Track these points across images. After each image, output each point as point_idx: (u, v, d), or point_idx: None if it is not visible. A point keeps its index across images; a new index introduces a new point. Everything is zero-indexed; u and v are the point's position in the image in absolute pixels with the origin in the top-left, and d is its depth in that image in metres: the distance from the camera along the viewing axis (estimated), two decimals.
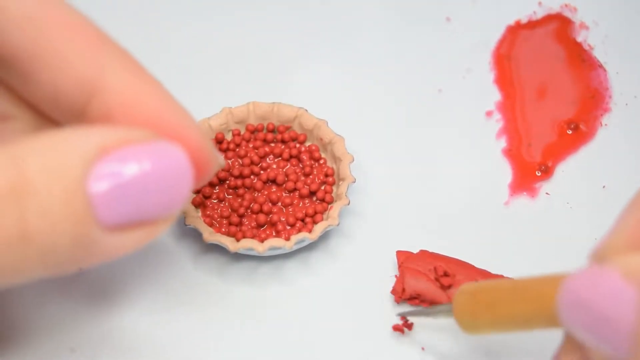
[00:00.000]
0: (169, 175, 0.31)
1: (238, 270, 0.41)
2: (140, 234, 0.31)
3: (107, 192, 0.30)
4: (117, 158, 0.30)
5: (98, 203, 0.30)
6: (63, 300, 0.40)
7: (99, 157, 0.30)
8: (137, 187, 0.30)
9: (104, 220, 0.30)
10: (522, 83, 0.46)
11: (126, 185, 0.30)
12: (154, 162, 0.30)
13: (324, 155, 0.43)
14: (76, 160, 0.29)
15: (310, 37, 0.48)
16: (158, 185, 0.31)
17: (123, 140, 0.30)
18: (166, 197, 0.31)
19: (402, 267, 0.40)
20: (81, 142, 0.30)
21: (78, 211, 0.30)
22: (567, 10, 0.48)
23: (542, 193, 0.43)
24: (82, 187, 0.29)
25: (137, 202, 0.31)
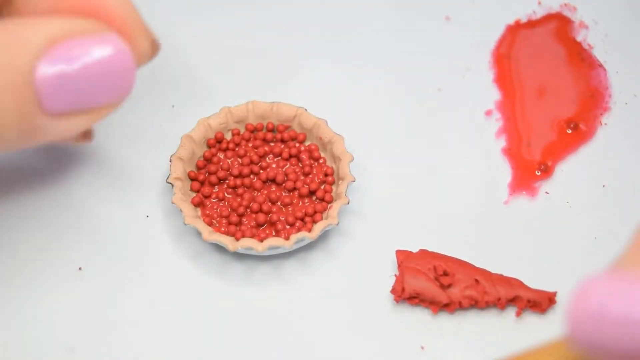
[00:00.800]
0: (112, 66, 0.32)
1: (237, 269, 0.41)
2: (84, 118, 0.33)
3: (52, 84, 0.31)
4: (62, 50, 0.31)
5: (44, 94, 0.31)
6: (63, 300, 0.40)
7: (45, 49, 0.31)
8: (81, 78, 0.32)
9: (49, 109, 0.32)
10: (522, 82, 0.46)
11: (70, 77, 0.31)
12: (98, 53, 0.32)
13: (324, 155, 0.43)
14: (24, 53, 0.31)
15: (310, 36, 0.48)
16: (101, 77, 0.32)
17: (68, 32, 0.31)
18: (109, 88, 0.33)
19: (401, 266, 0.40)
20: (28, 35, 0.31)
21: (25, 102, 0.31)
22: (566, 9, 0.48)
23: (542, 192, 0.43)
24: (28, 78, 0.31)
25: (81, 93, 0.32)
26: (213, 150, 0.42)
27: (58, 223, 0.42)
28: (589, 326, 0.24)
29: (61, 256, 0.41)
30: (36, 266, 0.41)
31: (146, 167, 0.43)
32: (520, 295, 0.40)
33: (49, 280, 0.40)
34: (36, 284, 0.40)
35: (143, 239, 0.42)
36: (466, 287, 0.40)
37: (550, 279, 0.40)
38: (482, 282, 0.40)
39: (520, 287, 0.40)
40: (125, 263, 0.41)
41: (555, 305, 0.40)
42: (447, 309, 0.40)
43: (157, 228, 0.42)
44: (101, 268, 0.41)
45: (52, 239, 0.41)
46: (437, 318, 0.40)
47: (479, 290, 0.40)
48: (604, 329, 0.24)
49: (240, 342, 0.39)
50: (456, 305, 0.40)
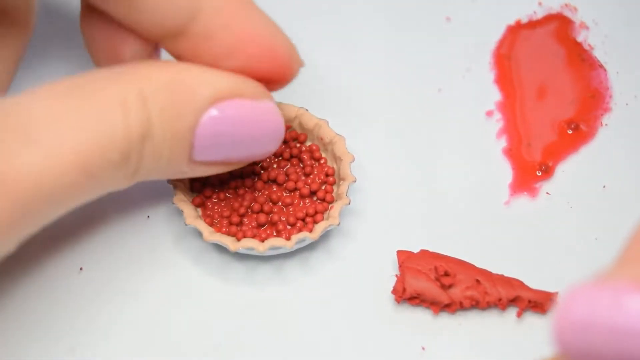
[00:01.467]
0: (264, 134, 0.35)
1: (238, 269, 0.41)
2: (223, 168, 0.36)
3: (207, 139, 0.33)
4: (223, 110, 0.33)
5: (198, 146, 0.33)
6: (63, 300, 0.40)
7: (211, 104, 0.33)
8: (234, 139, 0.34)
9: (197, 159, 0.34)
10: (522, 83, 0.46)
11: (225, 136, 0.33)
12: (255, 120, 0.34)
13: (325, 155, 0.43)
14: (190, 111, 0.32)
15: (310, 36, 0.47)
16: (253, 138, 0.35)
17: (234, 92, 0.33)
18: (257, 148, 0.35)
19: (402, 266, 0.40)
20: (197, 91, 0.33)
21: (180, 154, 0.33)
22: (567, 10, 0.48)
23: (543, 193, 0.43)
24: (189, 136, 0.33)
25: (231, 149, 0.34)
26: None
27: (58, 223, 0.42)
28: (575, 335, 0.24)
29: (61, 256, 0.41)
30: (36, 266, 0.41)
31: None
32: (521, 295, 0.40)
33: (49, 280, 0.40)
34: (36, 284, 0.40)
35: (144, 239, 0.42)
36: (467, 288, 0.40)
37: (551, 279, 0.40)
38: (483, 283, 0.40)
39: (521, 287, 0.40)
40: (126, 263, 0.41)
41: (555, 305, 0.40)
42: (448, 309, 0.40)
43: (158, 228, 0.42)
44: (102, 268, 0.41)
45: (52, 239, 0.41)
46: (438, 318, 0.40)
47: (480, 291, 0.40)
48: (589, 338, 0.24)
49: (241, 342, 0.39)
50: (457, 306, 0.40)
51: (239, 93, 0.34)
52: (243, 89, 0.34)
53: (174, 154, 0.33)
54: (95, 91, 0.31)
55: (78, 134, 0.31)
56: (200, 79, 0.33)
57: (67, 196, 0.32)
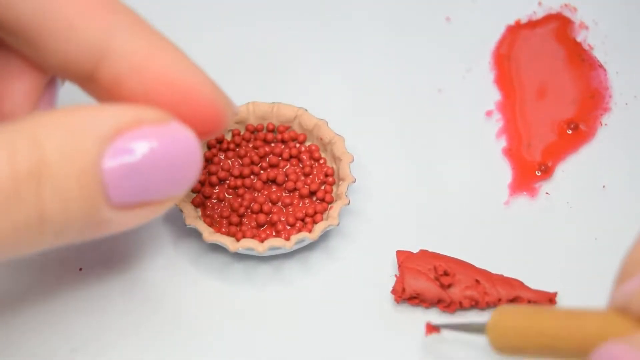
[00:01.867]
0: (178, 157, 0.32)
1: (238, 270, 0.41)
2: (147, 211, 0.32)
3: (118, 174, 0.31)
4: (129, 140, 0.31)
5: (110, 184, 0.31)
6: (63, 301, 0.40)
7: (112, 139, 0.30)
8: (147, 169, 0.31)
9: (114, 200, 0.31)
10: (522, 83, 0.46)
11: (137, 167, 0.31)
12: (165, 144, 0.31)
13: (324, 155, 0.43)
14: (90, 143, 0.30)
15: (311, 37, 0.48)
16: (168, 167, 0.32)
17: (136, 121, 0.31)
18: (175, 179, 0.32)
19: (402, 266, 0.40)
20: (95, 123, 0.30)
21: (91, 192, 0.31)
22: (567, 10, 0.48)
23: (542, 193, 0.43)
24: (95, 169, 0.30)
25: (147, 183, 0.31)
26: (214, 150, 0.42)
27: None
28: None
29: (61, 256, 0.41)
30: (36, 266, 0.41)
31: None
32: (521, 295, 0.40)
33: (49, 280, 0.40)
34: (36, 284, 0.40)
35: (143, 239, 0.42)
36: (467, 288, 0.40)
37: (551, 279, 0.40)
38: (483, 283, 0.40)
39: (520, 287, 0.40)
40: (126, 264, 0.41)
41: (555, 305, 0.40)
42: (448, 309, 0.40)
43: (157, 229, 0.42)
44: (101, 268, 0.41)
45: None
46: (438, 318, 0.40)
47: (480, 291, 0.40)
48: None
49: (241, 342, 0.39)
50: (457, 306, 0.40)
51: (143, 121, 0.31)
52: (146, 116, 0.31)
53: (85, 194, 0.31)
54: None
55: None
56: (98, 113, 0.31)
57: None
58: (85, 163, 0.30)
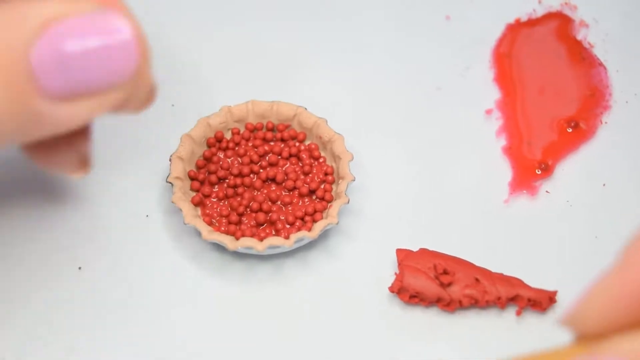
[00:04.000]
0: (112, 45, 0.31)
1: (237, 268, 0.41)
2: (90, 103, 0.32)
3: (49, 64, 0.30)
4: (59, 29, 0.30)
5: (40, 74, 0.30)
6: (62, 300, 0.40)
7: (42, 29, 0.30)
8: (80, 57, 0.31)
9: (47, 90, 0.31)
10: (522, 81, 0.46)
11: (68, 56, 0.31)
12: (96, 32, 0.31)
13: (324, 154, 0.43)
14: (19, 34, 0.30)
15: (310, 36, 0.48)
16: (101, 56, 0.31)
17: (65, 12, 0.31)
18: (110, 68, 0.32)
19: (401, 264, 0.40)
20: (25, 14, 0.30)
21: (19, 84, 0.30)
22: (567, 8, 0.48)
23: (542, 191, 0.43)
24: (23, 60, 0.30)
25: (79, 73, 0.31)
26: (213, 149, 0.42)
27: (58, 223, 0.42)
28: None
29: (61, 256, 0.41)
30: (36, 266, 0.41)
31: (146, 166, 0.43)
32: (521, 294, 0.40)
33: (49, 280, 0.40)
34: (36, 284, 0.40)
35: (143, 238, 0.42)
36: (466, 286, 0.39)
37: (551, 278, 0.40)
38: (483, 281, 0.40)
39: (520, 286, 0.40)
40: (125, 262, 0.41)
41: (555, 304, 0.40)
42: (448, 307, 0.40)
43: (157, 227, 0.42)
44: (101, 268, 0.41)
45: (52, 239, 0.41)
46: (438, 317, 0.40)
47: (479, 289, 0.39)
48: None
49: (240, 341, 0.39)
50: (456, 304, 0.40)
51: (74, 10, 0.31)
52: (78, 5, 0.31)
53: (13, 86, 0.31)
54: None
55: None
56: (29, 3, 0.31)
57: None
58: (12, 53, 0.30)
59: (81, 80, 0.31)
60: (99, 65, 0.32)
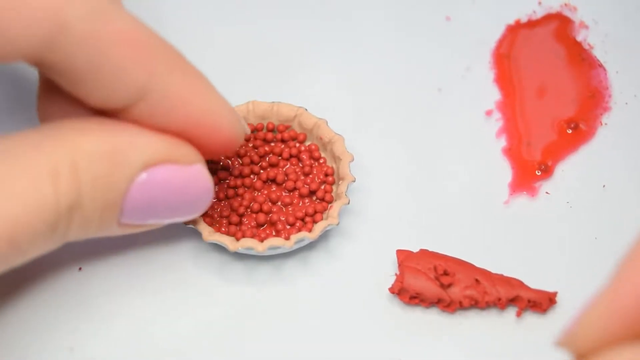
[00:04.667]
0: (193, 196, 0.35)
1: (238, 269, 0.41)
2: (150, 227, 0.36)
3: (137, 204, 0.33)
4: (155, 176, 0.33)
5: (126, 210, 0.33)
6: (63, 300, 0.40)
7: (141, 172, 0.33)
8: (163, 203, 0.34)
9: (124, 222, 0.34)
10: (522, 82, 0.46)
11: (154, 201, 0.33)
12: (184, 183, 0.34)
13: (324, 155, 0.43)
14: (121, 178, 0.32)
15: (310, 36, 0.47)
16: (182, 204, 0.35)
17: (167, 157, 0.33)
18: (184, 213, 0.35)
19: (402, 265, 0.40)
20: (129, 155, 0.32)
21: (109, 220, 0.33)
22: (567, 9, 0.48)
23: (542, 192, 0.43)
24: (119, 202, 0.33)
25: (158, 214, 0.34)
26: None
27: None
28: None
29: (61, 256, 0.41)
30: (36, 266, 0.41)
31: None
32: (521, 295, 0.40)
33: (49, 280, 0.40)
34: (36, 284, 0.40)
35: (143, 239, 0.41)
36: (466, 287, 0.40)
37: (551, 279, 0.40)
38: (483, 282, 0.40)
39: (520, 287, 0.40)
40: (125, 263, 0.41)
41: (555, 305, 0.40)
42: (448, 308, 0.40)
43: (157, 228, 0.42)
44: (101, 268, 0.41)
45: None
46: (438, 318, 0.40)
47: (480, 290, 0.40)
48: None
49: (241, 342, 0.39)
50: (456, 305, 0.40)
51: (171, 159, 0.34)
52: (175, 154, 0.34)
53: (104, 219, 0.33)
54: (24, 158, 0.31)
55: (6, 203, 0.30)
56: (133, 144, 0.33)
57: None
58: (113, 199, 0.32)
59: (154, 218, 0.35)
60: (176, 210, 0.35)
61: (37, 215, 0.31)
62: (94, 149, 0.32)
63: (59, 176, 0.31)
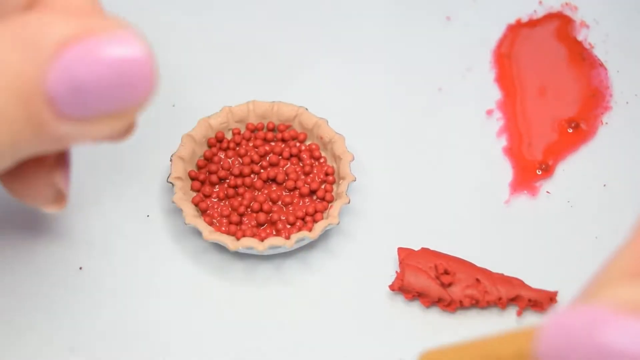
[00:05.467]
0: (128, 69, 0.30)
1: (238, 269, 0.41)
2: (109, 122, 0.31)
3: (66, 89, 0.30)
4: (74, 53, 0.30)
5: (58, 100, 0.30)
6: (63, 300, 0.40)
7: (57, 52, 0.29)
8: (94, 83, 0.30)
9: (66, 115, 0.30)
10: (523, 82, 0.46)
11: (83, 83, 0.30)
12: (109, 57, 0.30)
13: (324, 154, 0.43)
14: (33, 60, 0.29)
15: (311, 36, 0.48)
16: (116, 81, 0.30)
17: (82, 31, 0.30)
18: (127, 92, 0.31)
19: (402, 263, 0.40)
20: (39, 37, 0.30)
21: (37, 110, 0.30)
22: (567, 8, 0.48)
23: (543, 192, 0.43)
24: (39, 86, 0.29)
25: (96, 98, 0.30)
26: (214, 149, 0.42)
27: (58, 223, 0.42)
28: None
29: (61, 256, 0.41)
30: (36, 266, 0.41)
31: (146, 166, 0.43)
32: (521, 294, 0.40)
33: (49, 280, 0.40)
34: (36, 284, 0.40)
35: (143, 238, 0.42)
36: (467, 287, 0.39)
37: (551, 278, 0.40)
38: (483, 282, 0.40)
39: (521, 286, 0.40)
40: (126, 263, 0.41)
41: (556, 304, 0.40)
42: (448, 308, 0.40)
43: (157, 227, 0.42)
44: (101, 268, 0.41)
45: (53, 239, 0.41)
46: (438, 317, 0.40)
47: (480, 290, 0.39)
48: None
49: (241, 341, 0.39)
50: (457, 305, 0.40)
51: (89, 31, 0.30)
52: (95, 26, 0.30)
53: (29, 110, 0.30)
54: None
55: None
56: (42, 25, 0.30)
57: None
58: (28, 80, 0.29)
59: (97, 106, 0.30)
60: (114, 90, 0.30)
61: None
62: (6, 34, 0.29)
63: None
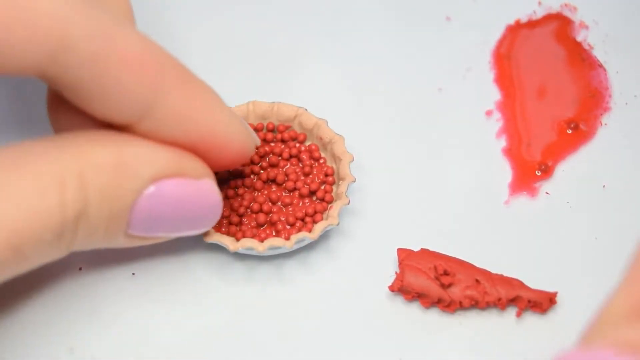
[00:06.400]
0: (201, 212, 0.35)
1: (238, 269, 0.41)
2: (158, 240, 0.36)
3: (145, 216, 0.33)
4: (163, 189, 0.33)
5: (133, 223, 0.34)
6: (63, 300, 0.40)
7: (149, 185, 0.33)
8: (171, 217, 0.34)
9: (132, 234, 0.34)
10: (522, 82, 0.46)
11: (162, 214, 0.34)
12: (193, 198, 0.34)
13: (324, 155, 0.43)
14: (128, 190, 0.33)
15: (310, 36, 0.48)
16: (189, 219, 0.35)
17: (175, 171, 0.34)
18: (192, 228, 0.36)
19: (402, 264, 0.40)
20: (137, 169, 0.33)
21: (116, 231, 0.33)
22: (567, 9, 0.48)
23: (542, 192, 0.43)
24: (126, 214, 0.33)
25: (165, 227, 0.35)
26: None
27: None
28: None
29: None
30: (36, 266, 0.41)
31: None
32: (521, 295, 0.40)
33: (49, 280, 0.40)
34: (36, 284, 0.40)
35: None
36: (467, 287, 0.40)
37: (551, 279, 0.40)
38: (483, 282, 0.40)
39: (520, 287, 0.40)
40: (125, 263, 0.41)
41: (555, 305, 0.40)
42: (448, 308, 0.40)
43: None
44: (101, 268, 0.41)
45: None
46: (438, 318, 0.40)
47: (480, 291, 0.40)
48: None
49: (241, 342, 0.39)
50: (457, 305, 0.40)
51: (180, 172, 0.34)
52: (184, 168, 0.34)
53: (110, 230, 0.33)
54: (31, 166, 0.31)
55: (11, 210, 0.30)
56: (141, 157, 0.33)
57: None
58: (119, 210, 0.33)
59: (162, 231, 0.35)
60: (184, 223, 0.35)
61: (43, 224, 0.31)
62: (101, 160, 0.32)
63: (65, 185, 0.31)
